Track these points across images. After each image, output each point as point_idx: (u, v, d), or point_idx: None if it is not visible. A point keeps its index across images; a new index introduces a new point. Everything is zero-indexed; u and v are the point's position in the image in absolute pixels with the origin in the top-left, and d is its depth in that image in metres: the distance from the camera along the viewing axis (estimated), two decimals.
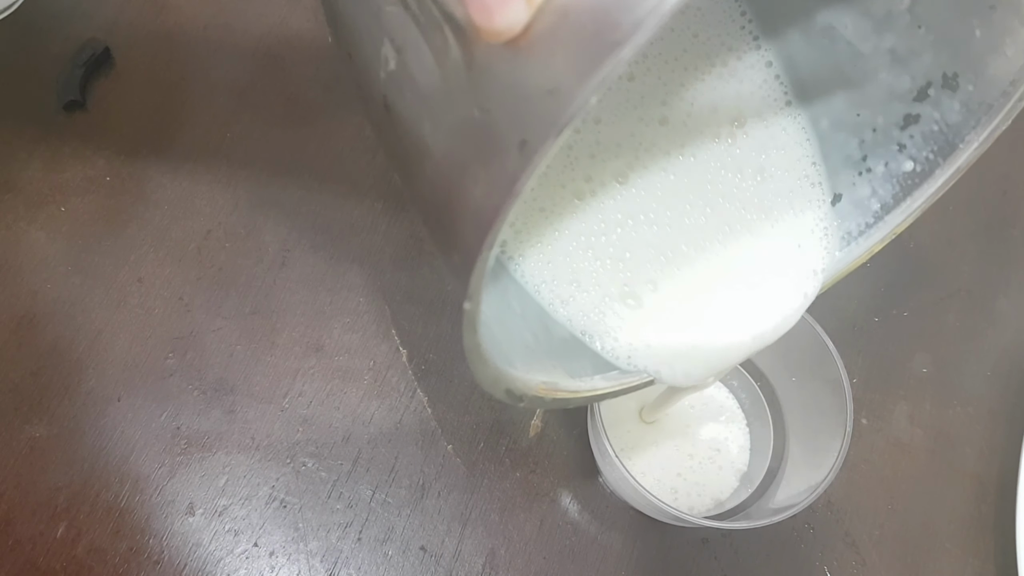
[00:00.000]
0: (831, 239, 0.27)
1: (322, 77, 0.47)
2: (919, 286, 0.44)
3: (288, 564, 0.35)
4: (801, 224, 0.27)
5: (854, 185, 0.27)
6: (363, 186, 0.44)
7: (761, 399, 0.38)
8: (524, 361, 0.23)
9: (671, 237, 0.26)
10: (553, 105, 0.14)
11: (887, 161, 0.26)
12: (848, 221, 0.28)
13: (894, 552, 0.38)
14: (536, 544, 0.37)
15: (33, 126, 0.44)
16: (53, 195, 0.42)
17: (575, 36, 0.14)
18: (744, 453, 0.38)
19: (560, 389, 0.24)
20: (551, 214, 0.26)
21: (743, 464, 0.38)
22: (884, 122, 0.26)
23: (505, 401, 0.21)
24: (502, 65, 0.15)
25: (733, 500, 0.36)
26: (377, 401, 0.39)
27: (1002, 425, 0.41)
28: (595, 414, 0.32)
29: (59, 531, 0.35)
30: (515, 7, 0.14)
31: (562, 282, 0.25)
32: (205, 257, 0.41)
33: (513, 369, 0.21)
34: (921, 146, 0.25)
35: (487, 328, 0.19)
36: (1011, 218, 0.47)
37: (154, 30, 0.47)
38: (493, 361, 0.20)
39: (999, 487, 0.40)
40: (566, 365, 0.25)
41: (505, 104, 0.16)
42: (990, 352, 0.43)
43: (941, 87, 0.24)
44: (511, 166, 0.15)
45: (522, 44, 0.15)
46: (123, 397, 0.38)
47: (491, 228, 0.15)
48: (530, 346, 0.24)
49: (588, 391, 0.25)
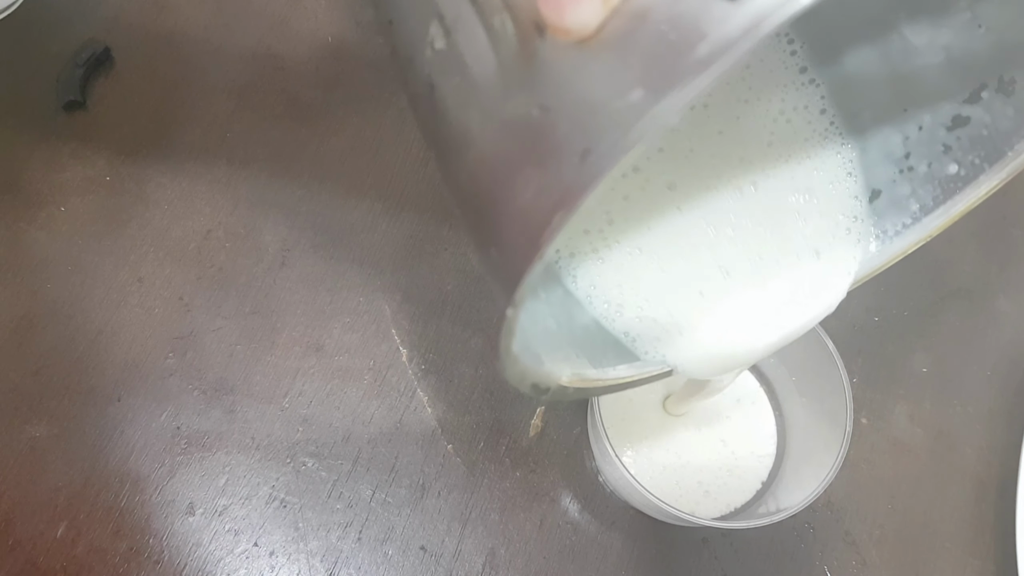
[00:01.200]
0: (864, 239, 0.27)
1: (322, 77, 0.47)
2: (919, 286, 0.44)
3: (288, 564, 0.35)
4: (834, 224, 0.26)
5: (894, 183, 0.26)
6: (363, 186, 0.44)
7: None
8: (548, 351, 0.22)
9: (709, 238, 0.25)
10: (624, 118, 0.13)
11: (930, 161, 0.25)
12: (885, 220, 0.27)
13: (894, 552, 0.38)
14: (536, 544, 0.37)
15: (33, 126, 0.44)
16: (53, 195, 0.42)
17: (655, 45, 0.13)
18: (766, 460, 0.37)
19: (584, 379, 0.23)
20: (597, 210, 0.25)
21: (762, 471, 0.37)
22: (931, 121, 0.25)
23: (530, 395, 0.21)
24: (568, 64, 0.14)
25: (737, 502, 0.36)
26: (377, 401, 0.39)
27: (1002, 425, 0.41)
28: (595, 413, 0.32)
29: (59, 531, 0.35)
30: (588, 5, 0.13)
31: (610, 285, 0.25)
32: (205, 257, 0.41)
33: (539, 364, 0.21)
34: (968, 149, 0.24)
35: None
36: (1011, 218, 0.47)
37: (154, 30, 0.47)
38: (522, 358, 0.19)
39: (999, 487, 0.40)
40: (589, 353, 0.24)
41: (568, 107, 0.14)
42: (990, 352, 0.43)
43: (995, 91, 0.23)
44: (569, 176, 0.14)
45: (593, 45, 0.14)
46: (123, 397, 0.38)
47: (543, 242, 0.14)
48: (552, 333, 0.24)
49: (612, 379, 0.24)
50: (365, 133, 0.45)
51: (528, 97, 0.15)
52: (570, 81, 0.14)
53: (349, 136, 0.45)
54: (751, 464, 0.37)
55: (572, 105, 0.14)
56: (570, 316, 0.25)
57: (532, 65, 0.15)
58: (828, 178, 0.27)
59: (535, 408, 0.39)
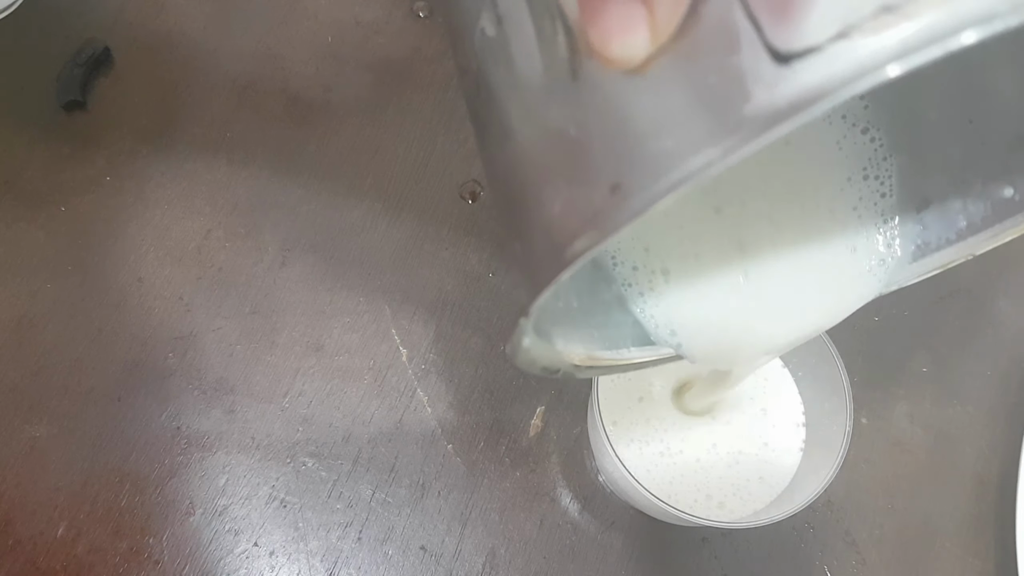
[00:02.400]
0: (902, 251, 0.26)
1: (322, 77, 0.47)
2: (919, 286, 0.44)
3: (288, 564, 0.35)
4: (870, 234, 0.26)
5: (946, 195, 0.25)
6: (363, 186, 0.44)
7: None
8: (564, 332, 0.22)
9: (744, 227, 0.25)
10: (657, 163, 0.12)
11: (986, 180, 0.24)
12: (930, 231, 0.26)
13: (894, 551, 0.38)
14: (536, 544, 0.37)
15: (33, 126, 0.44)
16: (53, 195, 0.42)
17: (699, 95, 0.12)
18: (783, 472, 0.35)
19: (596, 359, 0.23)
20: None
21: (782, 477, 0.35)
22: (995, 138, 0.24)
23: (539, 375, 0.21)
24: (611, 91, 0.14)
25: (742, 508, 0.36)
26: (377, 401, 0.39)
27: (1002, 425, 0.41)
28: (595, 413, 0.32)
29: (59, 531, 0.35)
30: (636, 38, 0.13)
31: (635, 246, 0.24)
32: (205, 257, 0.41)
33: (552, 346, 0.21)
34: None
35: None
36: None
37: (154, 30, 0.47)
38: (534, 345, 0.19)
39: (999, 486, 0.40)
40: (605, 334, 0.24)
41: (606, 133, 0.14)
42: (990, 352, 0.43)
43: None
44: (598, 203, 0.13)
45: (637, 78, 0.13)
46: (123, 397, 0.38)
47: (565, 264, 0.14)
48: (572, 311, 0.23)
49: (624, 360, 0.24)
50: (365, 133, 0.45)
51: (568, 112, 0.15)
52: (610, 108, 0.14)
53: (349, 136, 0.45)
54: (766, 472, 0.36)
55: (609, 132, 0.14)
56: (594, 292, 0.24)
57: (576, 80, 0.15)
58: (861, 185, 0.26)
59: (535, 408, 0.39)
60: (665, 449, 0.37)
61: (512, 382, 0.39)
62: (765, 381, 0.37)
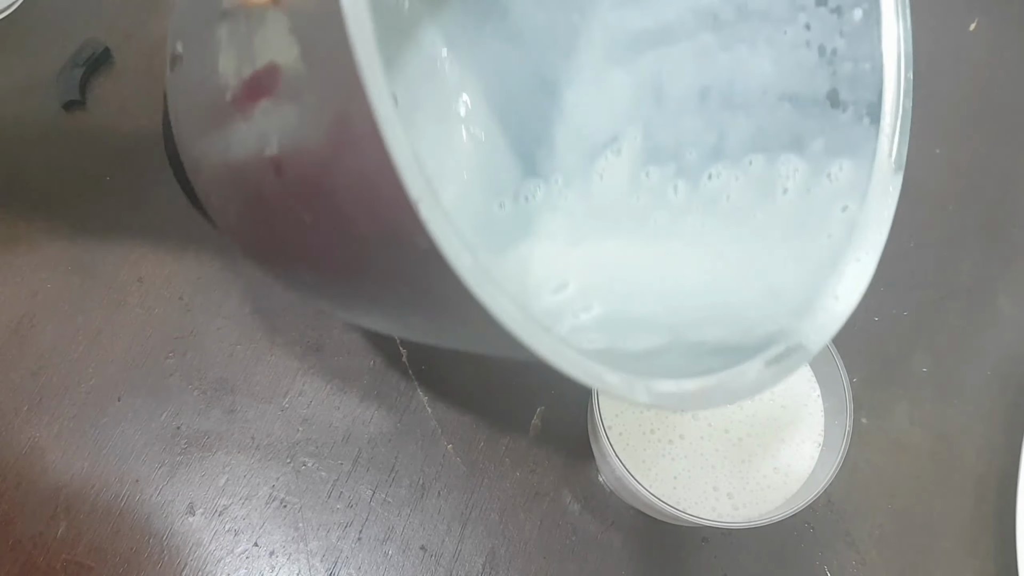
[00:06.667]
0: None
1: None
2: (919, 286, 0.44)
3: (288, 564, 0.35)
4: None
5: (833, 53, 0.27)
6: None
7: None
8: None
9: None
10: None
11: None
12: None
13: (894, 552, 0.38)
14: (536, 544, 0.37)
15: (33, 126, 0.44)
16: (53, 195, 0.42)
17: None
18: (790, 475, 0.34)
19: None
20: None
21: (788, 480, 0.34)
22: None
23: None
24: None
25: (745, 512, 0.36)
26: (377, 401, 0.39)
27: (1002, 425, 0.41)
28: (595, 413, 0.32)
29: (59, 531, 0.35)
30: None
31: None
32: (205, 257, 0.41)
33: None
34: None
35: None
36: (1011, 218, 0.47)
37: (154, 30, 0.47)
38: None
39: (999, 487, 0.40)
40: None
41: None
42: (990, 352, 0.43)
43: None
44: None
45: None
46: (123, 397, 0.38)
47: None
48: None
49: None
50: None
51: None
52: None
53: None
54: (771, 474, 0.35)
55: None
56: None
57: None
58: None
59: (535, 408, 0.39)
60: (665, 449, 0.37)
61: (512, 382, 0.39)
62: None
